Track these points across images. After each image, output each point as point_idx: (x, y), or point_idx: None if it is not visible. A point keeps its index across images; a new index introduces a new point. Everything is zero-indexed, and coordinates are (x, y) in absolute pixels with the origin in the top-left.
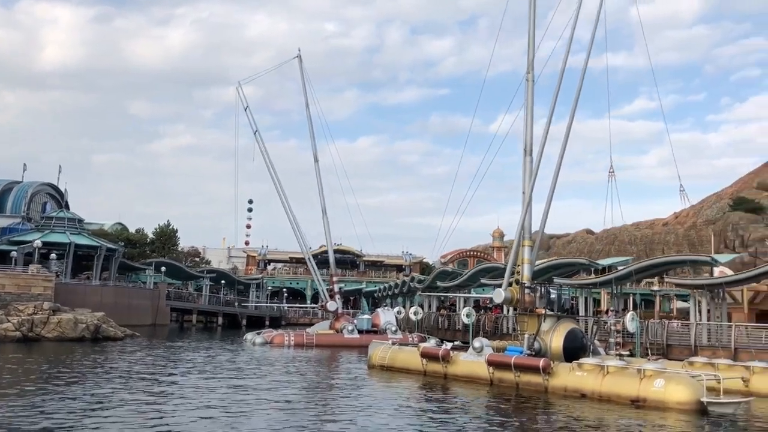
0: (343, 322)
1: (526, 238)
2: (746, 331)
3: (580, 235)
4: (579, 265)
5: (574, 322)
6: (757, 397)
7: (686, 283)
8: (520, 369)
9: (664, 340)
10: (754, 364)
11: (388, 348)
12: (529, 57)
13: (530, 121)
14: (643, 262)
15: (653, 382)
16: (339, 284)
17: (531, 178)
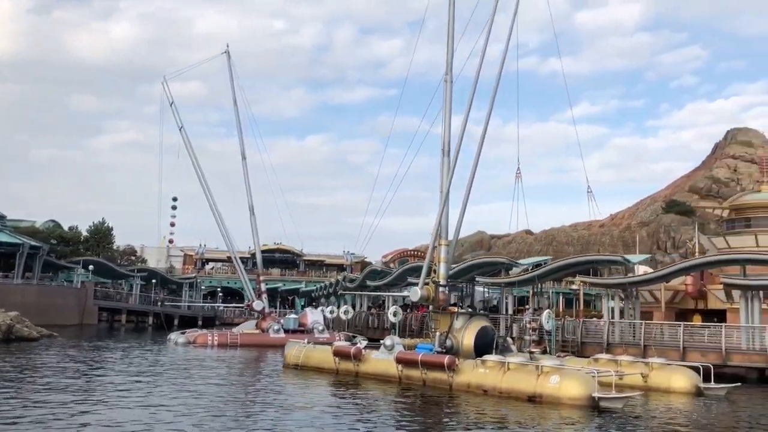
0: (270, 321)
1: (443, 238)
2: (653, 329)
3: (520, 235)
4: (500, 265)
5: (486, 320)
6: (656, 392)
7: (599, 282)
8: (427, 366)
9: (578, 338)
10: (653, 360)
11: (302, 347)
12: (448, 59)
13: (448, 122)
14: (558, 262)
15: (549, 378)
16: (278, 284)
17: (448, 178)
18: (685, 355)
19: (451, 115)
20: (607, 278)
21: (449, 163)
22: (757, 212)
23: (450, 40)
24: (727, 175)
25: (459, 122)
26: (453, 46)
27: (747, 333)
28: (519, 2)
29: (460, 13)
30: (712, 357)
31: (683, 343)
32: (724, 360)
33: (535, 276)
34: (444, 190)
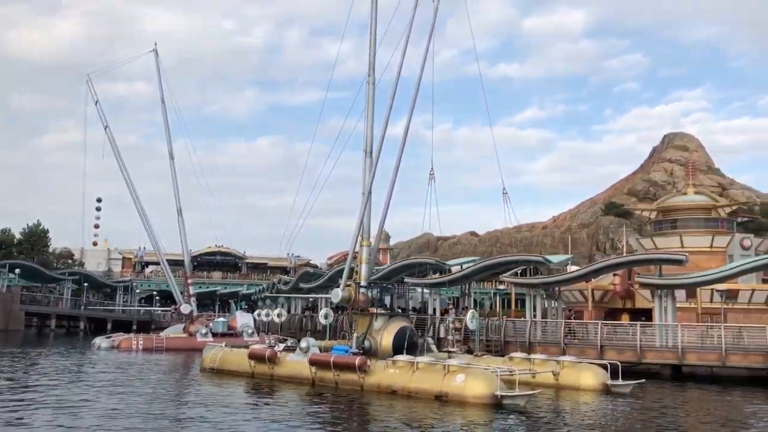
0: (198, 325)
1: (365, 238)
2: (572, 328)
3: (465, 237)
4: (428, 266)
5: (406, 321)
6: (566, 390)
7: (523, 282)
8: (339, 368)
9: (502, 337)
10: (564, 359)
11: (219, 350)
12: (370, 60)
13: (371, 123)
14: (481, 263)
15: (455, 377)
16: (218, 287)
17: (370, 179)
18: (603, 353)
19: (374, 115)
20: (530, 278)
21: (371, 163)
22: (683, 214)
23: (372, 43)
24: (664, 178)
25: (407, 124)
26: (375, 48)
27: (660, 331)
28: (438, 7)
29: (409, 15)
30: (628, 354)
31: (601, 342)
32: (639, 357)
33: (461, 276)
34: (366, 191)
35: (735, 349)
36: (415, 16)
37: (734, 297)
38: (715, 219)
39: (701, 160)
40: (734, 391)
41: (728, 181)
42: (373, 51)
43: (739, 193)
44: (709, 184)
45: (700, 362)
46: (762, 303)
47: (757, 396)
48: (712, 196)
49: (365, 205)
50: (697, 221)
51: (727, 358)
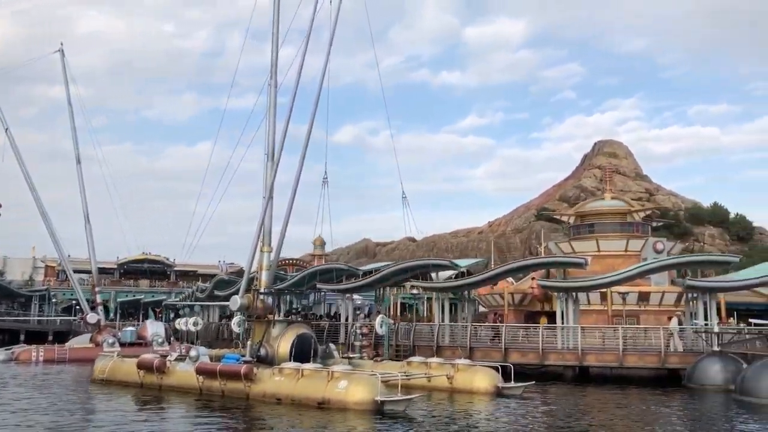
0: (105, 334)
1: (266, 244)
2: (479, 331)
3: (403, 242)
4: (342, 271)
5: (305, 328)
6: (460, 393)
7: (430, 286)
8: (225, 377)
9: (411, 342)
10: (459, 362)
11: (109, 360)
12: (272, 63)
13: (272, 127)
14: (391, 268)
15: (338, 383)
16: (141, 295)
17: (271, 183)
18: (508, 355)
19: (276, 119)
20: (437, 282)
21: (273, 167)
22: (599, 218)
23: (274, 47)
24: (594, 184)
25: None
26: (278, 52)
27: (562, 333)
28: (339, 13)
29: (354, 23)
30: (531, 357)
31: (505, 344)
32: (541, 359)
33: (371, 281)
34: (267, 195)
35: (631, 350)
36: (356, 23)
37: (646, 299)
38: (630, 223)
39: (630, 167)
40: (630, 390)
41: (655, 187)
42: (275, 54)
43: (666, 198)
44: (636, 189)
45: (599, 363)
46: (672, 304)
47: (648, 395)
48: (628, 202)
49: (265, 209)
50: (612, 225)
51: (625, 358)
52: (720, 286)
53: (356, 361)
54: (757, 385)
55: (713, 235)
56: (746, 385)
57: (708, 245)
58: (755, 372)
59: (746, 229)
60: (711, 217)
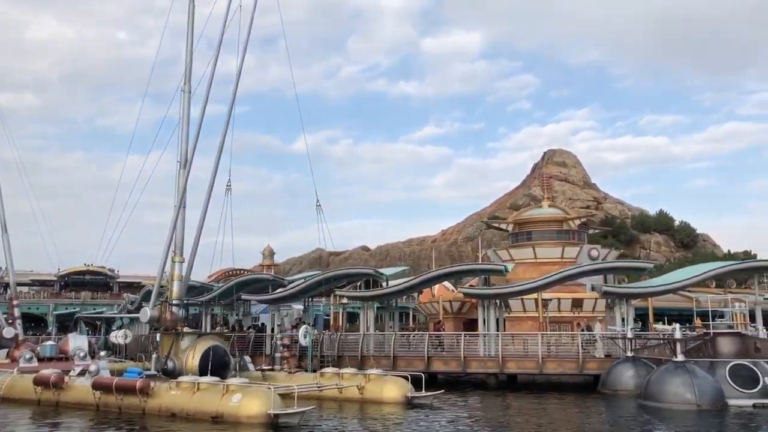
0: (23, 349)
1: (177, 254)
2: (403, 340)
3: (357, 251)
4: (266, 281)
5: (217, 340)
6: (370, 403)
7: (356, 295)
8: (122, 391)
9: (336, 352)
10: (371, 372)
11: (7, 377)
12: (186, 69)
13: (185, 133)
14: (316, 277)
15: (232, 397)
16: (76, 308)
17: (183, 191)
18: (430, 363)
19: (189, 126)
20: (363, 291)
21: (186, 175)
22: (536, 226)
23: (189, 52)
24: (543, 193)
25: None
26: (191, 56)
27: (483, 340)
28: (253, 18)
29: (310, 32)
30: (453, 365)
31: (428, 353)
32: (463, 367)
33: (296, 291)
34: (178, 203)
35: (550, 356)
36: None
37: (579, 305)
38: (566, 231)
39: (579, 176)
40: (547, 396)
41: (603, 195)
42: (190, 61)
43: (613, 206)
44: (585, 198)
45: (520, 370)
46: (604, 311)
47: (563, 401)
48: (565, 209)
49: (176, 218)
50: (549, 233)
51: (544, 365)
52: (634, 292)
53: (269, 374)
54: (660, 390)
55: (659, 242)
56: (650, 390)
57: (654, 252)
58: (658, 377)
59: (690, 236)
60: (656, 224)
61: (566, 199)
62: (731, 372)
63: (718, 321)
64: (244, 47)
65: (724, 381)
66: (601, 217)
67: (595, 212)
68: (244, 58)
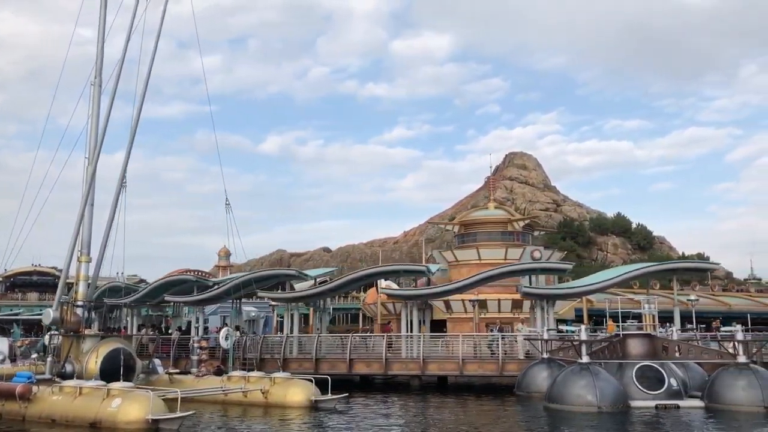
0: None
1: (84, 254)
2: (330, 342)
3: (318, 253)
4: (191, 282)
5: (121, 342)
6: (275, 407)
7: (281, 296)
8: (3, 397)
9: (258, 355)
10: (276, 375)
11: None
12: (97, 63)
13: (95, 128)
14: (242, 278)
15: (111, 402)
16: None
17: (88, 188)
18: (353, 366)
19: (99, 120)
20: (287, 293)
21: (93, 171)
22: (481, 228)
23: (100, 45)
24: (504, 195)
25: (281, 139)
26: (103, 49)
27: (405, 342)
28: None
29: (280, 33)
30: (375, 367)
31: (350, 355)
32: (385, 369)
33: (218, 293)
34: (84, 201)
35: (471, 358)
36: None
37: (519, 306)
38: (510, 232)
39: (539, 178)
40: (464, 398)
41: (562, 198)
42: (101, 56)
43: (572, 209)
44: (544, 200)
45: (441, 372)
46: None
47: (476, 403)
48: (509, 211)
49: (81, 217)
50: (493, 234)
51: (465, 367)
52: (553, 293)
53: (177, 377)
54: (563, 392)
55: (616, 244)
56: (554, 392)
57: (611, 254)
58: (562, 379)
59: (647, 239)
60: (614, 227)
61: (526, 201)
62: (638, 373)
63: (628, 322)
64: (158, 35)
65: (631, 382)
66: (559, 219)
67: (538, 214)
68: (157, 46)
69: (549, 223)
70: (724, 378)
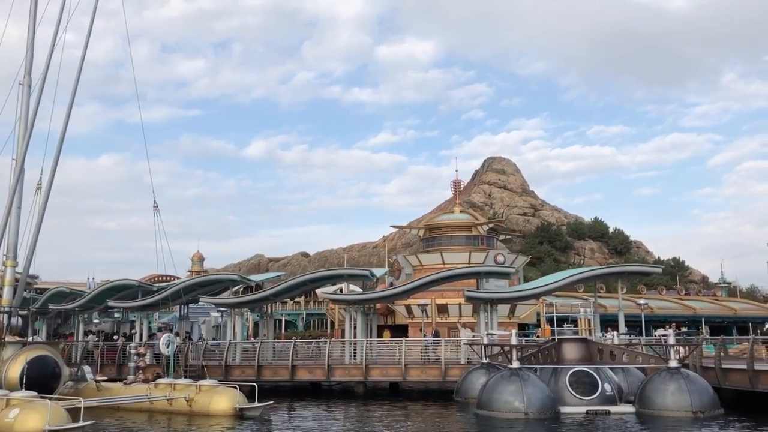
0: None
1: (10, 258)
2: (277, 348)
3: (296, 257)
4: (135, 288)
5: (46, 350)
6: (199, 416)
7: (221, 302)
8: None
9: (200, 361)
10: (203, 383)
11: None
12: (26, 59)
13: (25, 129)
14: (182, 284)
15: (9, 412)
16: None
17: (16, 190)
18: (295, 372)
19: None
20: (227, 298)
21: (19, 174)
22: (445, 232)
23: (30, 43)
24: (482, 200)
25: (265, 143)
26: (32, 47)
27: (348, 347)
28: None
29: (265, 37)
30: (318, 373)
31: (292, 361)
32: (327, 376)
33: (162, 298)
34: (9, 204)
35: (414, 363)
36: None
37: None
38: (475, 236)
39: (517, 183)
40: (404, 405)
41: (540, 202)
42: (31, 54)
43: (549, 213)
44: (522, 205)
45: (384, 378)
46: (505, 316)
47: (415, 409)
48: (474, 215)
49: (7, 218)
50: (458, 239)
51: (408, 372)
52: (496, 297)
53: (104, 385)
54: (492, 398)
55: (593, 249)
56: (483, 399)
57: (588, 258)
58: (492, 385)
59: (624, 243)
60: (591, 231)
61: (504, 205)
62: (572, 378)
63: (565, 327)
64: (88, 32)
65: (564, 388)
66: (537, 223)
67: (502, 219)
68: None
69: (526, 228)
70: (654, 383)
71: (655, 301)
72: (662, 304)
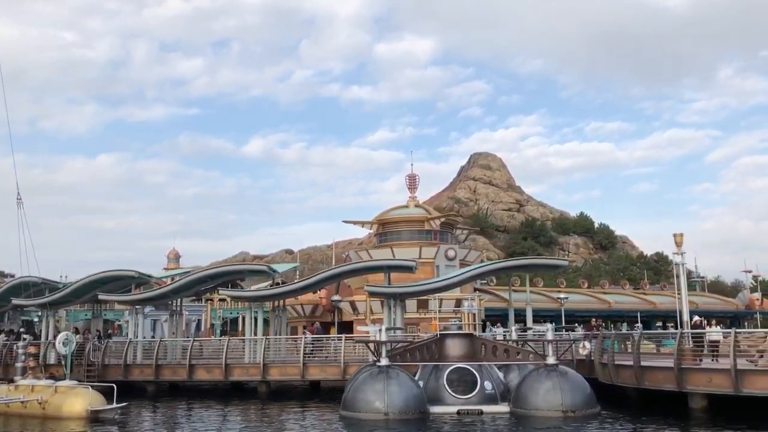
0: None
1: None
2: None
3: (280, 255)
4: (40, 285)
5: None
6: (52, 419)
7: (122, 299)
8: None
9: (100, 361)
10: (61, 384)
11: None
12: None
13: None
14: (86, 279)
15: None
16: None
17: None
18: (192, 372)
19: None
20: (130, 295)
21: None
22: (397, 226)
23: None
24: (467, 196)
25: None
26: None
27: (248, 345)
28: None
29: (263, 37)
30: (216, 373)
31: (190, 361)
32: (225, 375)
33: (65, 295)
34: None
35: (312, 362)
36: (265, 37)
37: (425, 307)
38: (427, 231)
39: (503, 178)
40: (293, 406)
41: (525, 198)
42: None
43: (534, 209)
44: (507, 200)
45: (283, 377)
46: (453, 311)
47: (296, 410)
48: (427, 209)
49: None
50: (409, 233)
51: (307, 371)
52: (398, 291)
53: None
54: (355, 398)
55: (578, 244)
56: (348, 398)
57: (572, 253)
58: (357, 384)
59: (609, 238)
60: (575, 227)
61: (489, 201)
62: (450, 376)
63: (450, 322)
64: None
65: (442, 386)
66: (522, 218)
67: (458, 216)
68: None
69: (510, 224)
70: (529, 381)
71: (573, 294)
72: (578, 299)
